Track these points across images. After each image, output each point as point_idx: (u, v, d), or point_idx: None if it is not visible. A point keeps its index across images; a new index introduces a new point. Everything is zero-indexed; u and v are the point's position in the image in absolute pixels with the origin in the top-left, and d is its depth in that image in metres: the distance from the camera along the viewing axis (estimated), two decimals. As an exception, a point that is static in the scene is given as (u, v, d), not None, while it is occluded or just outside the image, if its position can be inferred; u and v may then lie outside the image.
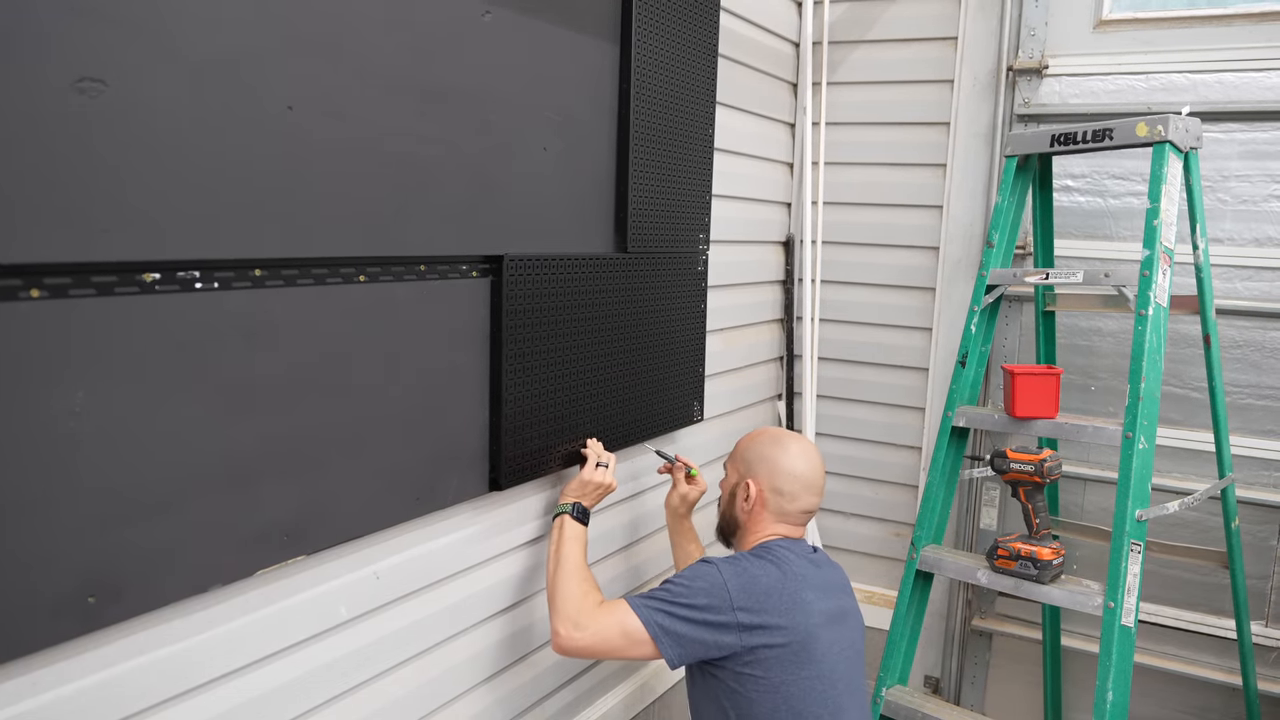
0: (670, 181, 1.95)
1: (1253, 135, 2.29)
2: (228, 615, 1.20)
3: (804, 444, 1.74)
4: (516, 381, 1.59)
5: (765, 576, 1.56)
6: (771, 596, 1.54)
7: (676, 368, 2.07)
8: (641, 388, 1.94)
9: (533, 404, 1.63)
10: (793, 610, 1.54)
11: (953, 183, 2.59)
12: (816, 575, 1.63)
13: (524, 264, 1.58)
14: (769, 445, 1.72)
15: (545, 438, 1.68)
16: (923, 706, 2.11)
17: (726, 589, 1.53)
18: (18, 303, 0.94)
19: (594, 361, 1.78)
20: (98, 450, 1.01)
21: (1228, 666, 2.38)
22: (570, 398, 1.72)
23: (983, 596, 2.70)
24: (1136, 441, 1.86)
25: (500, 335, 1.54)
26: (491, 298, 1.54)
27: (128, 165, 1.01)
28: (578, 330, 1.72)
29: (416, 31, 1.34)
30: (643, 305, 1.91)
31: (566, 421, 1.72)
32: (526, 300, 1.59)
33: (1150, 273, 1.89)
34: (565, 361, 1.70)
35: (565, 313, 1.69)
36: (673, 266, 2.00)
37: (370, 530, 1.37)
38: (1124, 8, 2.42)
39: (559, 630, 1.54)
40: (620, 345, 1.85)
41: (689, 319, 2.09)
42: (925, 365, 2.68)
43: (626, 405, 1.89)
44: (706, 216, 2.11)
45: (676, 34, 1.92)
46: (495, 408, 1.57)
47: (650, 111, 1.86)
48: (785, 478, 1.68)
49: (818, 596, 1.59)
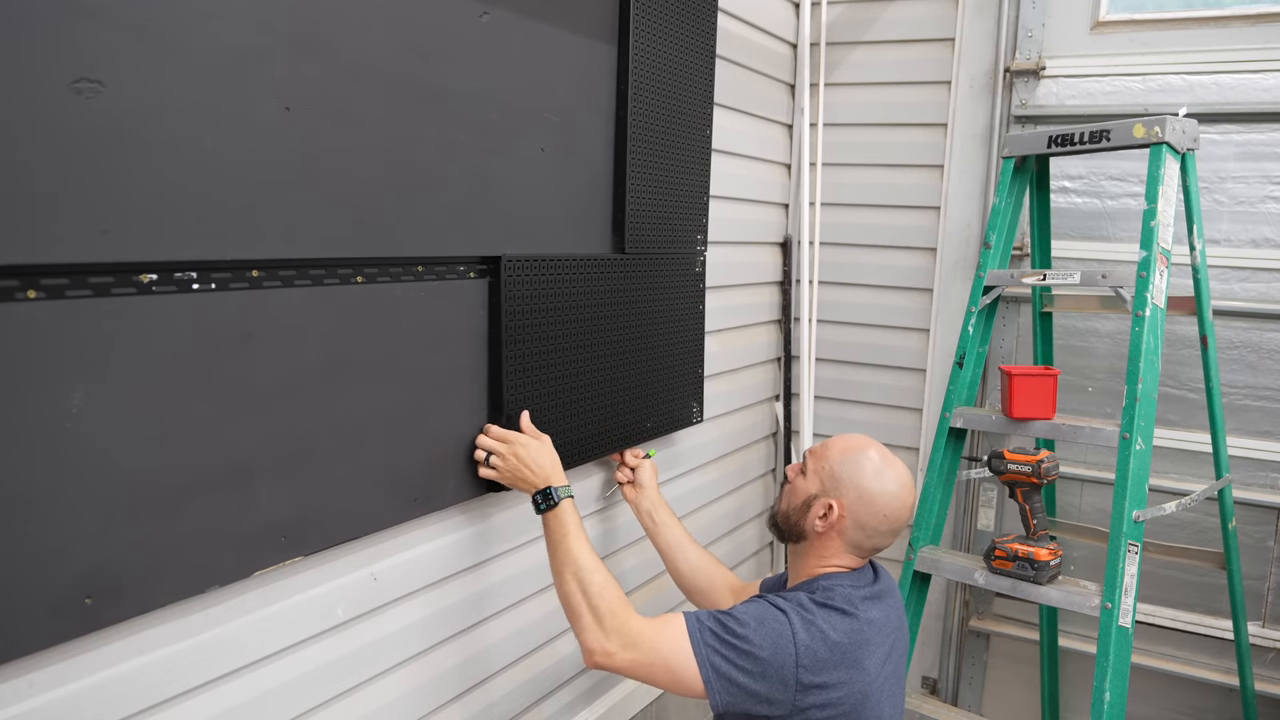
0: (668, 182, 1.95)
1: (1249, 137, 2.30)
2: (225, 616, 1.20)
3: (903, 481, 1.52)
4: (516, 383, 1.58)
5: (834, 632, 1.39)
6: (837, 652, 1.38)
7: (676, 368, 2.06)
8: (641, 389, 1.94)
9: (532, 405, 1.62)
10: (856, 666, 1.39)
11: (950, 184, 2.59)
12: (880, 617, 1.48)
13: (522, 264, 1.57)
14: (867, 470, 1.50)
15: None
16: (920, 707, 2.11)
17: (794, 644, 1.36)
18: (15, 304, 0.94)
19: (593, 362, 1.77)
20: (95, 451, 1.01)
21: (1225, 667, 2.38)
22: (570, 399, 1.72)
23: (980, 597, 2.70)
24: (1134, 442, 1.86)
25: (500, 336, 1.54)
26: (490, 298, 1.54)
27: (125, 166, 1.01)
28: (576, 331, 1.72)
29: (415, 32, 1.34)
30: (641, 306, 1.91)
31: (566, 423, 1.72)
32: (525, 301, 1.59)
33: (1147, 274, 1.89)
34: (564, 363, 1.69)
35: (563, 313, 1.68)
36: (671, 267, 2.00)
37: (368, 532, 1.37)
38: (1121, 9, 2.42)
39: (592, 648, 1.38)
40: (619, 346, 1.85)
41: (688, 320, 2.09)
42: (923, 366, 2.68)
43: (625, 406, 1.89)
44: (704, 217, 2.11)
45: (674, 35, 1.92)
46: (495, 409, 1.57)
47: (648, 113, 1.86)
48: (875, 516, 1.49)
49: (878, 644, 1.45)
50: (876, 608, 1.48)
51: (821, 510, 1.50)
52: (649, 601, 2.20)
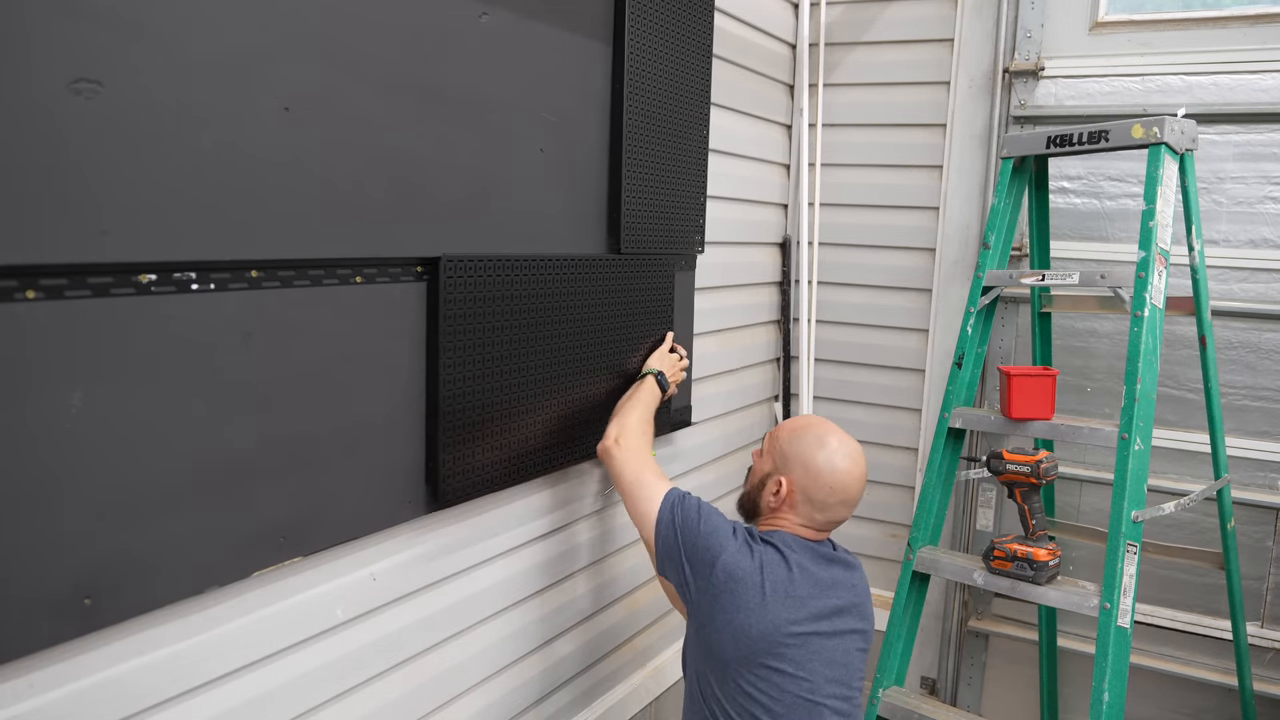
0: (664, 182, 1.95)
1: (1248, 137, 2.30)
2: (225, 616, 1.20)
3: (849, 451, 1.62)
4: (454, 393, 1.46)
5: (763, 555, 1.54)
6: (755, 573, 1.52)
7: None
8: (614, 395, 1.86)
9: (479, 416, 1.52)
10: (762, 603, 1.50)
11: (949, 184, 2.59)
12: (812, 568, 1.57)
13: (463, 265, 1.46)
14: (812, 447, 1.61)
15: (506, 448, 1.59)
16: (919, 708, 2.11)
17: (733, 533, 1.56)
18: (14, 304, 0.94)
19: (560, 367, 1.69)
20: (94, 452, 1.01)
21: (1223, 667, 2.38)
22: (530, 406, 1.63)
23: (979, 598, 2.70)
24: (1132, 443, 1.86)
25: (437, 342, 1.44)
26: (428, 300, 1.44)
27: (124, 166, 1.01)
28: (532, 334, 1.62)
29: (414, 33, 1.34)
30: (620, 308, 1.83)
31: (524, 431, 1.63)
32: (466, 304, 1.47)
33: (1146, 274, 1.89)
34: (519, 369, 1.59)
35: (522, 316, 1.59)
36: (661, 267, 1.98)
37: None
38: (1120, 10, 2.42)
39: (610, 433, 1.69)
40: (592, 349, 1.77)
41: (672, 320, 2.06)
42: (922, 367, 2.68)
43: (590, 416, 1.80)
44: (701, 217, 2.11)
45: (670, 35, 1.92)
46: (433, 414, 1.46)
47: (644, 113, 1.86)
48: (822, 489, 1.58)
49: (821, 605, 1.55)
50: (813, 562, 1.58)
51: (774, 487, 1.62)
52: (649, 602, 2.20)
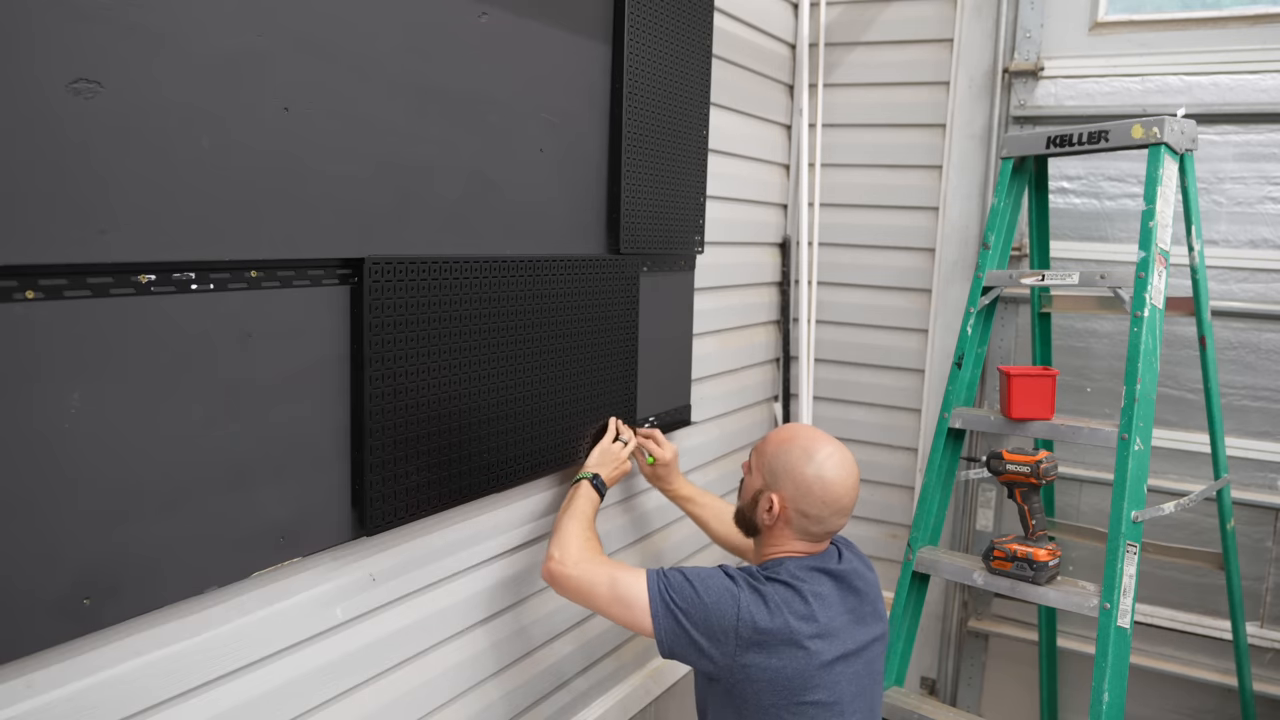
0: (664, 182, 1.95)
1: (1247, 137, 2.30)
2: (224, 617, 1.20)
3: (837, 461, 1.55)
4: (381, 409, 1.34)
5: (776, 595, 1.46)
6: (778, 619, 1.44)
7: (617, 373, 1.89)
8: (582, 401, 1.80)
9: (414, 433, 1.41)
10: (794, 643, 1.44)
11: (949, 184, 2.59)
12: (829, 592, 1.51)
13: (390, 267, 1.34)
14: (799, 460, 1.54)
15: (451, 465, 1.50)
16: (919, 708, 2.11)
17: (738, 603, 1.44)
18: (13, 304, 0.94)
19: (518, 376, 1.62)
20: (93, 452, 1.01)
21: (1223, 668, 2.38)
22: (486, 419, 1.56)
23: (979, 598, 2.70)
24: (1132, 443, 1.86)
25: (362, 353, 1.31)
26: (352, 306, 1.32)
27: (123, 166, 1.01)
28: (483, 342, 1.53)
29: (413, 33, 1.34)
30: (581, 312, 1.76)
31: (485, 444, 1.56)
32: (395, 311, 1.36)
33: (1146, 274, 1.89)
34: (470, 379, 1.51)
35: (467, 322, 1.49)
36: (625, 270, 1.88)
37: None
38: (1120, 10, 2.42)
39: (553, 554, 1.55)
40: (554, 358, 1.70)
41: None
42: (921, 367, 2.68)
43: (564, 422, 1.75)
44: (701, 217, 2.11)
45: (670, 35, 1.92)
46: (358, 428, 1.33)
47: (643, 112, 1.86)
48: (814, 503, 1.52)
49: (844, 625, 1.50)
50: (826, 582, 1.52)
51: (767, 504, 1.56)
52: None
